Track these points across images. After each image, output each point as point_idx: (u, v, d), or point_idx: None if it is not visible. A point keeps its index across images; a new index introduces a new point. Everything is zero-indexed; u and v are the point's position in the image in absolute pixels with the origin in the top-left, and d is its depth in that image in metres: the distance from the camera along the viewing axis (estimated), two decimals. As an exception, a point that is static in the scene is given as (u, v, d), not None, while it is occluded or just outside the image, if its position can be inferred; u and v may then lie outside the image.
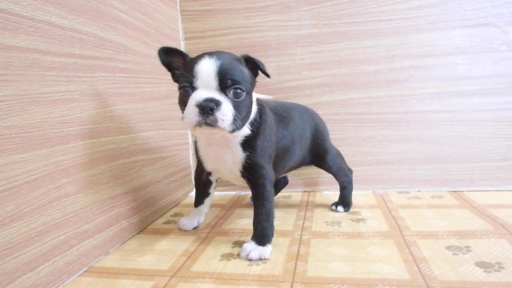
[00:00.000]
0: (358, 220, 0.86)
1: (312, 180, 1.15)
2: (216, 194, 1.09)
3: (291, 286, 0.58)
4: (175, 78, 0.72)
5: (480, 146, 1.05)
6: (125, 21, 0.84)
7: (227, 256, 0.70)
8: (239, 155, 0.72)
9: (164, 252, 0.74)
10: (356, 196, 1.05)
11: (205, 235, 0.82)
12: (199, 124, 0.60)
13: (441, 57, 1.04)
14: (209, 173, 0.84)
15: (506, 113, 1.03)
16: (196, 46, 1.15)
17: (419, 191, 1.08)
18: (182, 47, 1.16)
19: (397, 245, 0.71)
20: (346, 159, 1.06)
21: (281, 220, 0.90)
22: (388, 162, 1.10)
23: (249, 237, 0.73)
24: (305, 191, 1.15)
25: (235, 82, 0.61)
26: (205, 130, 0.61)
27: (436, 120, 1.06)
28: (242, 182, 0.79)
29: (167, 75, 0.71)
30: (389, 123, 1.08)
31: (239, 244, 0.75)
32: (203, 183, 0.86)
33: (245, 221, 0.89)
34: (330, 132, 1.08)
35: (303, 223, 0.87)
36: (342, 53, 1.08)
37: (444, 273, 0.59)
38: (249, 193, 1.08)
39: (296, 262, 0.66)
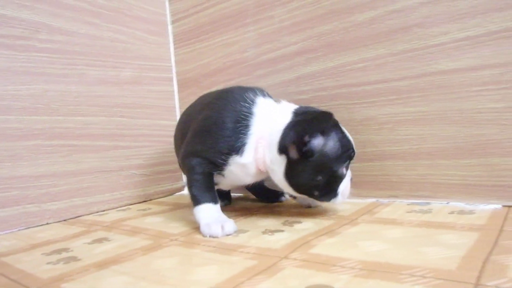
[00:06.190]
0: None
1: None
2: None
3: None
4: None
5: None
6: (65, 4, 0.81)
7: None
8: None
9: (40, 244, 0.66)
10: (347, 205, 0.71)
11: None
12: None
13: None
14: None
15: None
16: (182, 28, 1.04)
17: (447, 203, 0.66)
18: (169, 31, 1.06)
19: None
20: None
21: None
22: (397, 155, 0.71)
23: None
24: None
25: None
26: None
27: (473, 83, 0.63)
28: None
29: (132, 60, 0.61)
30: (396, 95, 0.70)
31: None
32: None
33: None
34: (314, 114, 0.79)
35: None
36: (327, 2, 0.77)
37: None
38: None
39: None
